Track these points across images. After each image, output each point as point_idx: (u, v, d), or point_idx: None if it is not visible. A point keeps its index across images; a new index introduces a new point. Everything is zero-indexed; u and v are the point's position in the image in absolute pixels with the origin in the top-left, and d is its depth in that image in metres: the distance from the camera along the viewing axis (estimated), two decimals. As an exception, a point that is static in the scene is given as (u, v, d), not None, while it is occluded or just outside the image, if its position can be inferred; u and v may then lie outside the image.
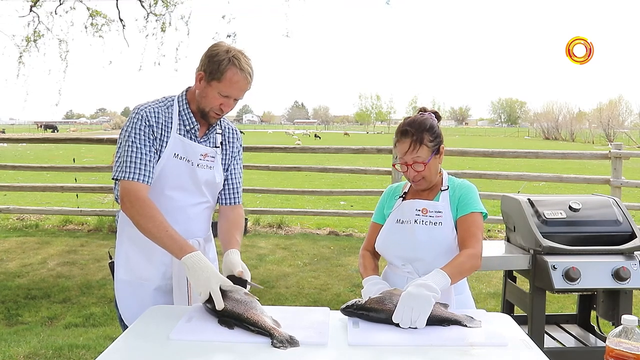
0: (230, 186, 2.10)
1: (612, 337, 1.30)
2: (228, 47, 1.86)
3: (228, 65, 1.82)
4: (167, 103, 1.94)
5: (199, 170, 1.94)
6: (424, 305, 1.60)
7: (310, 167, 8.13)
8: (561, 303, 4.46)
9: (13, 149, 25.83)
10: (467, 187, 2.00)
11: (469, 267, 1.83)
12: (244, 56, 1.86)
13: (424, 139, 1.91)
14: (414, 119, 1.97)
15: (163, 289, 1.96)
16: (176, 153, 1.89)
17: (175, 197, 1.92)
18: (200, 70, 1.87)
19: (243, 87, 1.88)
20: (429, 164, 1.92)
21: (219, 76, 1.83)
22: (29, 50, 8.35)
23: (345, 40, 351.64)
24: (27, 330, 3.93)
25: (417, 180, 1.96)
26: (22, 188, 8.52)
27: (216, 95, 1.86)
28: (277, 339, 1.49)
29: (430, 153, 1.92)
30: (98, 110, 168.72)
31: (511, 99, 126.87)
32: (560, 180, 7.26)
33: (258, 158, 15.97)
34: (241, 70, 1.84)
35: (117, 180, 1.85)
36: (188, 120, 1.93)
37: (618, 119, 58.24)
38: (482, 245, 1.90)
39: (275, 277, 5.32)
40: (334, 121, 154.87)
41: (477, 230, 1.92)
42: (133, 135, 1.83)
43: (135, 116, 1.86)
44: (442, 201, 1.97)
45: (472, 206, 1.94)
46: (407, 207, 1.99)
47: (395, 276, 1.99)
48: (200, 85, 1.88)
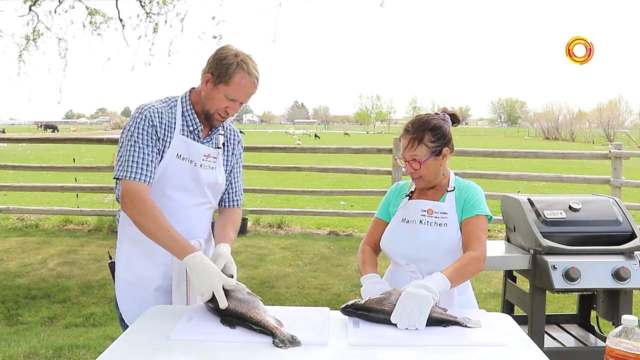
0: (231, 189, 2.11)
1: (612, 337, 1.30)
2: (237, 51, 1.86)
3: (236, 69, 1.83)
4: (170, 103, 1.94)
5: (202, 171, 1.94)
6: (422, 305, 1.60)
7: (310, 167, 8.13)
8: (561, 303, 4.46)
9: (13, 149, 25.83)
10: (473, 189, 2.00)
11: (471, 270, 1.83)
12: (252, 61, 1.88)
13: (424, 138, 1.91)
14: (420, 117, 1.97)
15: (164, 289, 1.96)
16: (179, 153, 1.89)
17: (176, 198, 1.92)
18: (208, 73, 1.88)
19: (250, 92, 1.90)
20: (425, 163, 1.92)
21: (227, 79, 1.84)
22: (28, 49, 8.36)
23: (346, 40, 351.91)
24: (27, 330, 3.93)
25: (415, 178, 1.97)
26: (22, 188, 8.52)
27: (222, 98, 1.87)
28: (278, 339, 1.50)
29: (429, 153, 1.92)
30: (98, 110, 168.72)
31: (511, 99, 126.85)
32: (560, 180, 7.27)
33: (258, 158, 15.95)
34: (249, 75, 1.85)
35: (119, 180, 1.85)
36: (192, 121, 1.93)
37: (618, 119, 58.26)
38: (485, 248, 1.90)
39: (275, 277, 5.32)
40: (334, 121, 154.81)
41: (481, 233, 1.92)
42: (136, 135, 1.83)
43: (139, 116, 1.86)
44: (448, 202, 1.97)
45: (477, 208, 1.94)
46: (413, 207, 1.99)
47: (399, 275, 1.99)
48: (206, 88, 1.89)
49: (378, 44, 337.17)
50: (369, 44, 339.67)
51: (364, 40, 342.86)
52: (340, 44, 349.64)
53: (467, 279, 1.88)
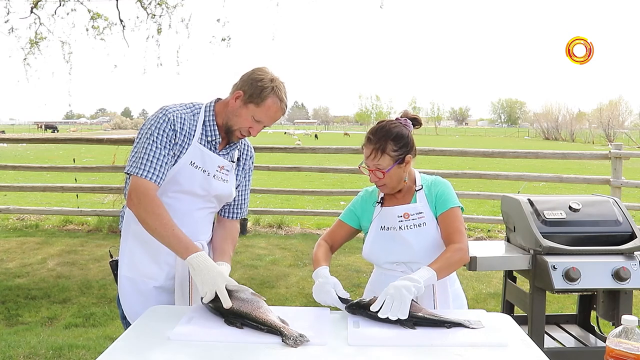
0: (237, 201, 2.13)
1: (612, 337, 1.30)
2: (273, 76, 1.89)
3: (270, 94, 1.86)
4: (194, 110, 1.95)
5: (214, 182, 1.95)
6: (403, 292, 1.63)
7: (310, 167, 8.13)
8: (561, 303, 4.46)
9: (13, 149, 25.83)
10: (441, 183, 2.03)
11: (456, 261, 1.87)
12: (285, 88, 1.91)
13: (386, 148, 1.92)
14: (382, 125, 1.97)
15: (166, 288, 1.96)
16: (193, 161, 1.90)
17: (183, 200, 1.92)
18: (239, 90, 1.89)
19: (276, 117, 1.93)
20: (389, 172, 1.94)
21: (259, 101, 1.86)
22: (32, 52, 8.38)
23: (345, 41, 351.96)
24: (27, 330, 3.93)
25: (379, 185, 2.00)
26: (22, 188, 8.52)
27: (249, 117, 1.89)
28: (288, 337, 1.50)
29: (392, 162, 1.93)
30: (98, 111, 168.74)
31: (511, 99, 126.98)
32: (560, 180, 7.26)
33: (258, 158, 15.81)
34: (280, 102, 1.89)
35: (129, 175, 1.85)
36: (211, 132, 1.93)
37: (618, 119, 58.26)
38: (466, 239, 1.95)
39: (275, 277, 5.32)
40: (334, 121, 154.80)
41: (459, 225, 1.96)
42: (155, 134, 1.83)
43: (162, 117, 1.86)
44: (420, 202, 2.00)
45: (450, 202, 1.98)
46: (389, 214, 2.01)
47: (388, 277, 2.00)
48: (235, 104, 1.90)
49: (378, 44, 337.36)
50: (368, 44, 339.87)
51: (364, 41, 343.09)
52: (340, 44, 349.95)
53: (454, 269, 1.91)
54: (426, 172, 2.22)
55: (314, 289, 1.87)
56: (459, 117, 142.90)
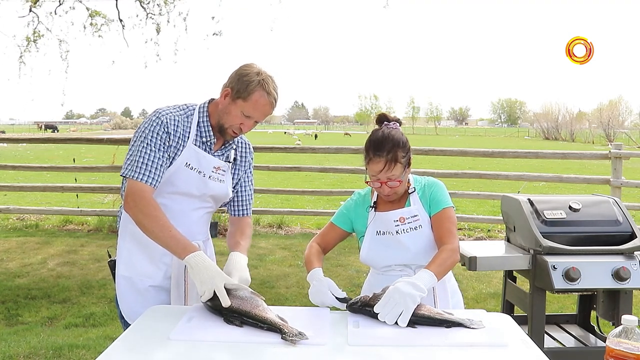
0: (240, 199, 2.13)
1: (612, 337, 1.30)
2: (259, 70, 1.87)
3: (256, 87, 1.84)
4: (187, 112, 1.94)
5: (210, 182, 1.95)
6: (408, 302, 1.62)
7: (310, 167, 8.13)
8: (561, 303, 4.46)
9: (13, 149, 25.83)
10: (435, 184, 2.03)
11: (451, 263, 1.88)
12: (273, 82, 1.88)
13: (397, 156, 1.91)
14: (385, 136, 1.93)
15: (164, 288, 1.96)
16: (188, 163, 1.90)
17: (179, 200, 1.93)
18: (228, 87, 1.88)
19: (266, 111, 1.90)
20: (402, 179, 1.94)
21: (246, 96, 1.85)
22: (29, 50, 8.37)
23: (345, 41, 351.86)
24: (27, 330, 3.93)
25: (390, 195, 1.98)
26: (22, 188, 8.52)
27: (239, 114, 1.88)
28: (288, 334, 1.50)
29: (403, 168, 1.93)
30: (98, 111, 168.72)
31: (511, 99, 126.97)
32: (560, 180, 7.26)
33: (258, 158, 15.85)
34: (268, 95, 1.86)
35: (125, 178, 1.86)
36: (205, 133, 1.93)
37: (618, 119, 58.29)
38: (458, 239, 1.96)
39: (275, 277, 5.32)
40: (334, 121, 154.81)
41: (451, 226, 1.96)
42: (149, 138, 1.84)
43: (156, 120, 1.86)
44: (415, 204, 2.00)
45: (443, 202, 1.99)
46: (384, 219, 2.01)
47: (385, 278, 2.00)
48: (224, 102, 1.89)
49: (378, 44, 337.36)
50: (368, 44, 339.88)
51: (364, 41, 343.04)
52: (340, 44, 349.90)
53: (448, 271, 1.92)
54: (417, 173, 2.22)
55: (310, 293, 1.87)
56: (458, 117, 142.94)
